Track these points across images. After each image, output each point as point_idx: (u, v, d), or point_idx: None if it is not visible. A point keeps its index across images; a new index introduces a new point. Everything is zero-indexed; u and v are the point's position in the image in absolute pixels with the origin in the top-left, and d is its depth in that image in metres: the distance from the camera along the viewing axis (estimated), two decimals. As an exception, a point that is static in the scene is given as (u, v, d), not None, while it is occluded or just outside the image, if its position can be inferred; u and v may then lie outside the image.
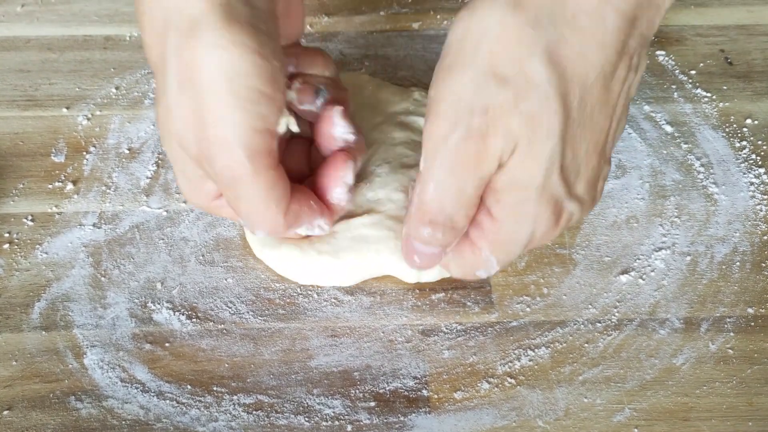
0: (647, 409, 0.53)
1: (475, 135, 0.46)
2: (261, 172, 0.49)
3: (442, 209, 0.48)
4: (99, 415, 0.52)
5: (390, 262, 0.57)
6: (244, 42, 0.47)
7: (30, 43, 0.73)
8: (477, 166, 0.46)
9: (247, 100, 0.48)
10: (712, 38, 0.75)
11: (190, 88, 0.48)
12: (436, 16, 0.77)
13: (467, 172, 0.47)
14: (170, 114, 0.49)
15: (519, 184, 0.47)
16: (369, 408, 0.53)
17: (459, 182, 0.47)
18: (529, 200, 0.48)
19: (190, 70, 0.48)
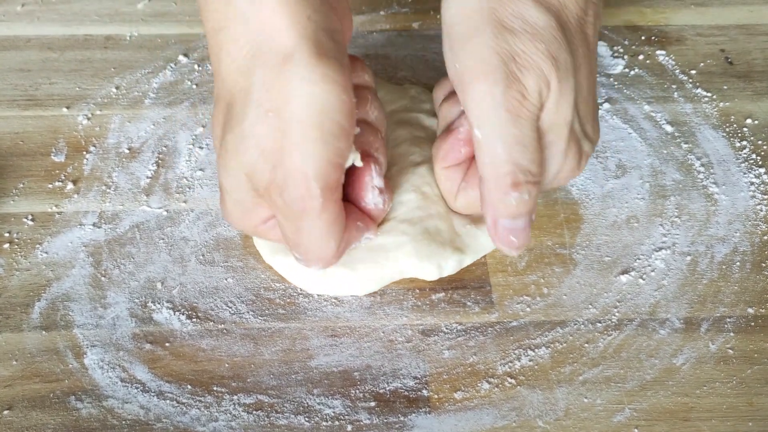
0: (647, 409, 0.53)
1: (514, 79, 0.49)
2: (328, 206, 0.50)
3: (518, 164, 0.50)
4: (99, 415, 0.52)
5: (409, 266, 0.57)
6: (333, 77, 0.48)
7: (30, 42, 0.73)
8: (526, 107, 0.50)
9: (330, 134, 0.49)
10: (713, 38, 0.75)
11: (274, 118, 0.48)
12: (436, 16, 0.77)
13: (522, 117, 0.50)
14: (244, 142, 0.50)
15: (556, 123, 0.51)
16: (369, 408, 0.53)
17: (520, 129, 0.50)
18: (562, 138, 0.52)
19: (277, 101, 0.48)
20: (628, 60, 0.74)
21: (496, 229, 0.53)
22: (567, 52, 0.51)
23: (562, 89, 0.50)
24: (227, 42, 0.50)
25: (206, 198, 0.63)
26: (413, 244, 0.57)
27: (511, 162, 0.50)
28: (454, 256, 0.57)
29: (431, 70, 0.72)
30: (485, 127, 0.50)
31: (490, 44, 0.49)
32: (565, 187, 0.64)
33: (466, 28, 0.50)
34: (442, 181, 0.58)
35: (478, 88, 0.49)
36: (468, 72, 0.50)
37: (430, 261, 0.57)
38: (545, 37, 0.50)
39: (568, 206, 0.63)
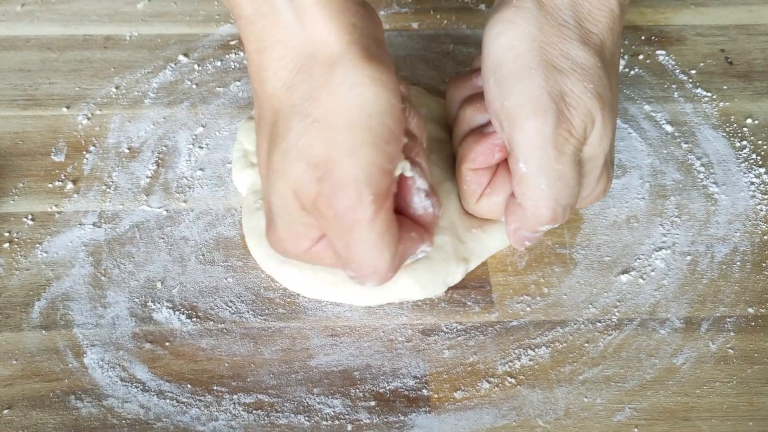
0: (647, 409, 0.53)
1: (563, 119, 0.51)
2: (380, 215, 0.49)
3: (558, 200, 0.53)
4: (99, 414, 0.52)
5: (412, 293, 0.57)
6: (382, 80, 0.48)
7: (30, 42, 0.73)
8: (571, 144, 0.52)
9: (381, 139, 0.48)
10: (713, 38, 0.75)
11: (321, 127, 0.48)
12: (436, 16, 0.77)
13: (566, 153, 0.52)
14: (290, 156, 0.49)
15: (596, 154, 0.54)
16: (369, 407, 0.53)
17: (563, 165, 0.52)
18: (599, 167, 0.55)
19: (324, 109, 0.48)
20: (628, 60, 0.74)
21: (515, 235, 0.57)
22: (609, 88, 0.53)
23: (605, 124, 0.53)
24: (271, 61, 0.50)
25: (206, 198, 0.63)
26: (412, 274, 0.56)
27: (553, 198, 0.53)
28: (459, 269, 0.57)
29: (431, 70, 0.72)
30: (532, 162, 0.52)
31: (541, 84, 0.51)
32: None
33: (516, 67, 0.52)
34: (467, 183, 0.58)
35: (528, 125, 0.51)
36: (519, 109, 0.51)
37: (433, 284, 0.57)
38: (592, 76, 0.52)
39: (568, 206, 0.63)
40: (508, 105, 0.52)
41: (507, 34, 0.53)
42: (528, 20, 0.52)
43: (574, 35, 0.53)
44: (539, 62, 0.52)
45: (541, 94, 0.51)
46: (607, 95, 0.53)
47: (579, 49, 0.52)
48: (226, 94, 0.70)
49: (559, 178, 0.52)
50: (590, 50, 0.53)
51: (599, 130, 0.53)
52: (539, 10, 0.52)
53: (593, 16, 0.53)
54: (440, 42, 0.75)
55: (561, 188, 0.53)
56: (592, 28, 0.53)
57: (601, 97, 0.52)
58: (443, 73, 0.72)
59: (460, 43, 0.74)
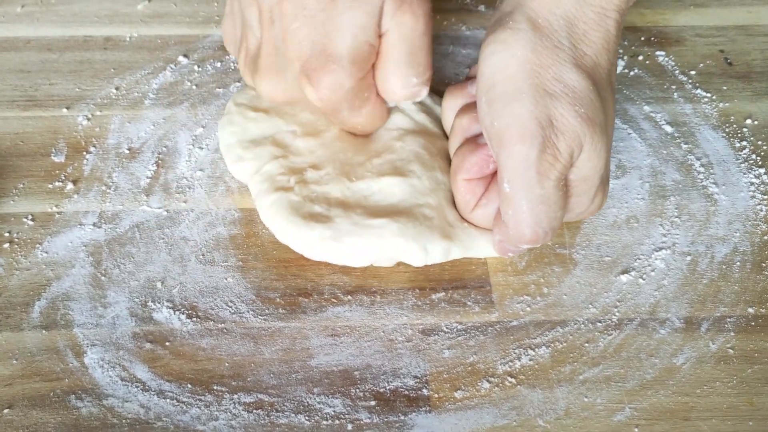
0: (647, 409, 0.53)
1: (550, 144, 0.51)
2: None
3: (539, 222, 0.53)
4: (99, 414, 0.52)
5: (393, 244, 0.57)
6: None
7: (30, 43, 0.73)
8: (556, 169, 0.52)
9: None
10: (712, 38, 0.76)
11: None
12: (436, 17, 0.77)
13: (549, 179, 0.52)
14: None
15: (588, 177, 0.54)
16: (369, 407, 0.53)
17: (546, 189, 0.52)
18: (594, 187, 0.55)
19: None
20: (628, 60, 0.74)
21: (498, 245, 0.58)
22: (601, 111, 0.53)
23: (595, 147, 0.53)
24: None
25: (206, 198, 0.63)
26: (398, 225, 0.57)
27: (534, 220, 0.53)
28: (441, 243, 0.57)
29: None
30: (515, 184, 0.52)
31: (530, 109, 0.51)
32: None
33: (506, 89, 0.52)
34: (461, 193, 0.58)
35: (514, 149, 0.52)
36: (507, 132, 0.52)
37: (416, 242, 0.57)
38: (583, 99, 0.52)
39: (568, 206, 0.63)
40: (497, 126, 0.52)
41: (500, 55, 0.53)
42: (522, 42, 0.52)
43: (568, 57, 0.52)
44: (530, 85, 0.52)
45: (528, 119, 0.51)
46: (598, 117, 0.53)
47: (572, 72, 0.52)
48: (225, 95, 0.70)
49: (541, 202, 0.52)
50: (583, 73, 0.52)
51: (588, 153, 0.53)
52: (534, 31, 0.52)
53: (588, 37, 0.53)
54: (440, 43, 0.75)
55: (543, 212, 0.53)
56: (586, 49, 0.53)
57: (592, 121, 0.52)
58: (442, 74, 0.72)
59: (459, 45, 0.75)
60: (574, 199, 0.55)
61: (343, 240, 0.57)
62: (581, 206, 0.56)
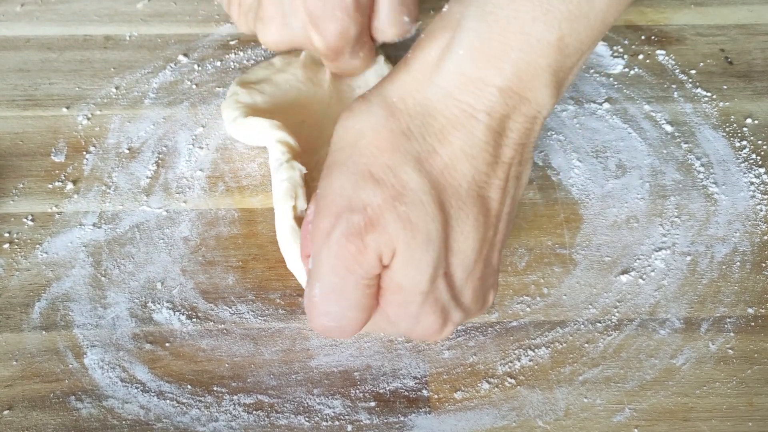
0: (647, 409, 0.53)
1: (354, 231, 0.45)
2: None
3: (329, 310, 0.48)
4: (99, 415, 0.52)
5: None
6: None
7: (30, 42, 0.73)
8: (357, 264, 0.46)
9: None
10: (712, 38, 0.75)
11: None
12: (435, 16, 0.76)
13: (348, 271, 0.46)
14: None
15: (403, 287, 0.47)
16: (369, 408, 0.53)
17: (341, 282, 0.46)
18: (414, 303, 0.47)
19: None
20: (628, 60, 0.74)
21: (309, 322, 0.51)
22: (435, 220, 0.46)
23: (412, 258, 0.46)
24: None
25: (206, 198, 0.63)
26: None
27: (322, 308, 0.48)
28: None
29: (431, 70, 0.72)
30: (314, 260, 0.48)
31: (345, 186, 0.46)
32: (565, 187, 0.64)
33: (336, 159, 0.47)
34: (300, 275, 0.56)
35: (319, 223, 0.47)
36: (320, 202, 0.47)
37: None
38: (411, 201, 0.45)
39: (568, 206, 0.63)
40: (318, 194, 0.48)
41: (343, 123, 0.48)
42: (365, 114, 0.47)
43: (412, 149, 0.46)
44: (356, 163, 0.46)
45: (340, 196, 0.46)
46: (426, 227, 0.45)
47: (408, 166, 0.46)
48: (225, 95, 0.69)
49: (334, 292, 0.47)
50: (423, 172, 0.46)
51: (402, 261, 0.46)
52: (384, 110, 0.47)
53: (445, 135, 0.46)
54: (440, 42, 0.75)
55: (332, 304, 0.47)
56: (439, 148, 0.46)
57: (413, 226, 0.45)
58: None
59: (459, 43, 0.74)
60: (390, 308, 0.48)
61: None
62: (402, 321, 0.49)
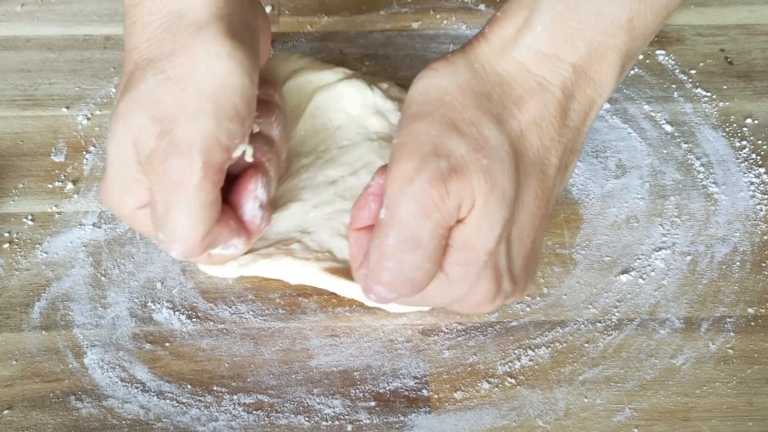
0: (647, 409, 0.53)
1: (438, 176, 0.45)
2: (205, 186, 0.49)
3: (404, 260, 0.46)
4: (99, 415, 0.52)
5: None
6: (239, 58, 0.49)
7: (30, 42, 0.73)
8: (439, 211, 0.45)
9: (224, 113, 0.48)
10: (712, 38, 0.75)
11: (172, 85, 0.49)
12: (436, 16, 0.77)
13: (428, 218, 0.45)
14: (137, 104, 0.49)
15: (472, 245, 0.47)
16: (369, 408, 0.53)
17: (420, 230, 0.46)
18: (478, 262, 0.47)
19: (181, 70, 0.49)
20: (628, 60, 0.74)
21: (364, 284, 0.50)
22: (510, 181, 0.47)
23: (488, 213, 0.46)
24: (143, 15, 0.51)
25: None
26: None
27: (396, 260, 0.47)
28: None
29: (431, 70, 0.72)
30: (390, 209, 0.46)
31: (430, 132, 0.46)
32: (565, 187, 0.64)
33: (418, 110, 0.48)
34: (350, 247, 0.51)
35: (400, 168, 0.46)
36: (400, 150, 0.47)
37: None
38: (492, 153, 0.46)
39: (568, 206, 0.63)
40: (395, 144, 0.47)
41: (426, 80, 0.48)
42: (451, 74, 0.48)
43: (493, 109, 0.47)
44: (441, 114, 0.47)
45: (426, 141, 0.46)
46: (503, 185, 0.46)
47: (490, 123, 0.47)
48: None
49: (410, 240, 0.46)
50: (503, 131, 0.47)
51: (479, 215, 0.46)
52: (467, 70, 0.48)
53: (522, 103, 0.48)
54: (440, 42, 0.75)
55: (408, 253, 0.46)
56: (515, 112, 0.48)
57: (493, 181, 0.46)
58: (443, 73, 0.72)
59: (459, 44, 0.74)
60: (453, 267, 0.47)
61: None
62: (462, 283, 0.48)
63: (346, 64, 0.72)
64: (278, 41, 0.74)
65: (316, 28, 0.76)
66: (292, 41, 0.74)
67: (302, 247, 0.57)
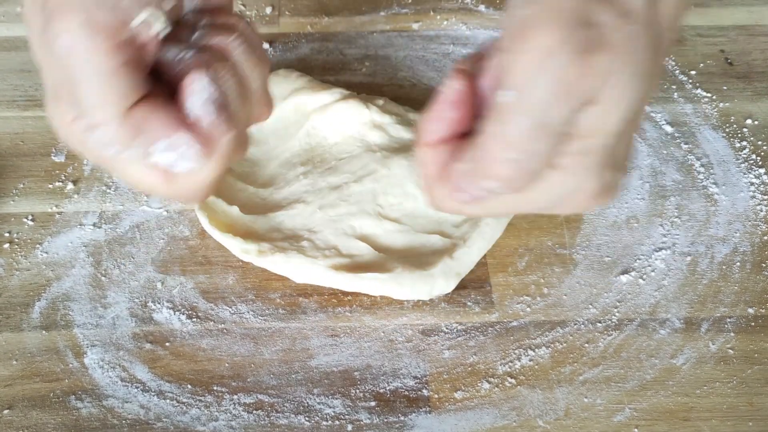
0: (647, 409, 0.53)
1: (584, 48, 0.39)
2: (101, 51, 0.43)
3: (531, 149, 0.40)
4: (99, 415, 0.52)
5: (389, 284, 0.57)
6: None
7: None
8: (580, 87, 0.39)
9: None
10: (713, 38, 0.75)
11: None
12: (436, 17, 0.77)
13: (568, 98, 0.39)
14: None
15: (596, 129, 0.41)
16: (369, 407, 0.53)
17: (557, 111, 0.39)
18: (595, 152, 0.42)
19: None
20: (628, 61, 0.74)
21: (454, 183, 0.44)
22: (652, 49, 0.41)
23: (622, 95, 0.40)
24: None
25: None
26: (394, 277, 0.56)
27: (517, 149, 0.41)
28: (446, 282, 0.57)
29: (431, 71, 0.72)
30: (524, 89, 0.39)
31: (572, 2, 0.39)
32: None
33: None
34: (423, 164, 0.46)
35: (540, 39, 0.39)
36: (534, 19, 0.39)
37: (413, 289, 0.57)
38: (631, 25, 0.40)
39: (568, 206, 0.63)
40: (519, 15, 0.40)
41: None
42: None
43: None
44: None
45: (567, 8, 0.39)
46: (645, 57, 0.40)
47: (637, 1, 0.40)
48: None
49: (542, 125, 0.40)
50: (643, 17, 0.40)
51: (611, 95, 0.40)
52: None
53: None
54: (440, 43, 0.75)
55: (537, 141, 0.40)
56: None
57: (635, 59, 0.40)
58: (443, 74, 0.72)
59: (459, 44, 0.74)
60: (571, 159, 0.42)
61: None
62: (575, 179, 0.43)
63: (346, 64, 0.72)
64: (278, 41, 0.74)
65: (317, 28, 0.76)
66: (292, 42, 0.74)
67: (311, 245, 0.58)
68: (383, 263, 0.57)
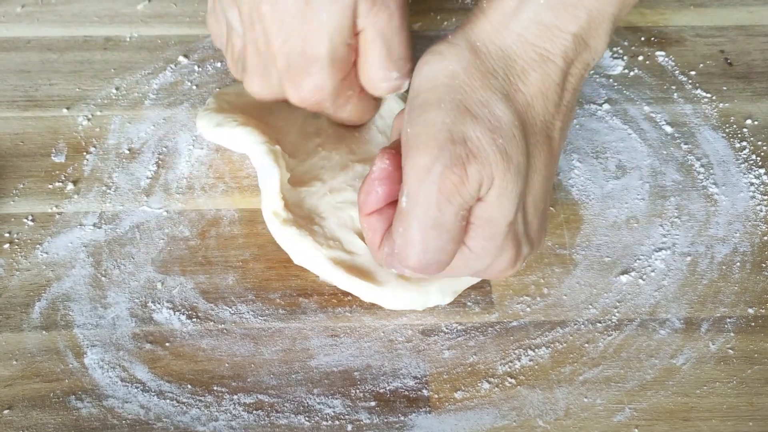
0: (647, 409, 0.53)
1: (457, 162, 0.47)
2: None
3: (428, 247, 0.49)
4: (99, 415, 0.52)
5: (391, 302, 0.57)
6: None
7: (30, 43, 0.73)
8: (459, 194, 0.47)
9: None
10: (712, 39, 0.76)
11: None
12: (436, 17, 0.77)
13: (450, 203, 0.47)
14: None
15: (494, 220, 0.49)
16: (369, 408, 0.53)
17: (443, 214, 0.48)
18: (500, 235, 0.50)
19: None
20: (628, 61, 0.74)
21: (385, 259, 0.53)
22: (523, 154, 0.49)
23: (506, 187, 0.48)
24: None
25: (206, 198, 0.63)
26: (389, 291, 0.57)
27: (422, 245, 0.49)
28: (442, 297, 0.57)
29: (431, 71, 0.72)
30: (412, 199, 0.48)
31: (445, 121, 0.47)
32: (565, 187, 0.64)
33: (429, 97, 0.49)
34: (364, 231, 0.54)
35: (419, 159, 0.47)
36: (416, 140, 0.48)
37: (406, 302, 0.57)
38: (505, 132, 0.48)
39: (568, 207, 0.63)
40: (409, 133, 0.48)
41: (432, 65, 0.49)
42: (455, 57, 0.49)
43: (500, 87, 0.49)
44: (452, 100, 0.48)
45: (441, 130, 0.47)
46: (518, 160, 0.48)
47: (500, 102, 0.48)
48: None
49: (435, 227, 0.48)
50: (512, 107, 0.49)
51: (498, 190, 0.48)
52: (470, 52, 0.49)
53: (526, 76, 0.49)
54: (440, 43, 0.75)
55: (433, 237, 0.48)
56: (521, 86, 0.49)
57: (509, 158, 0.48)
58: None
59: (460, 44, 0.74)
60: (477, 242, 0.50)
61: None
62: (486, 255, 0.51)
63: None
64: (278, 42, 0.74)
65: (317, 29, 0.76)
66: (292, 42, 0.74)
67: (320, 231, 0.58)
68: (380, 272, 0.57)
